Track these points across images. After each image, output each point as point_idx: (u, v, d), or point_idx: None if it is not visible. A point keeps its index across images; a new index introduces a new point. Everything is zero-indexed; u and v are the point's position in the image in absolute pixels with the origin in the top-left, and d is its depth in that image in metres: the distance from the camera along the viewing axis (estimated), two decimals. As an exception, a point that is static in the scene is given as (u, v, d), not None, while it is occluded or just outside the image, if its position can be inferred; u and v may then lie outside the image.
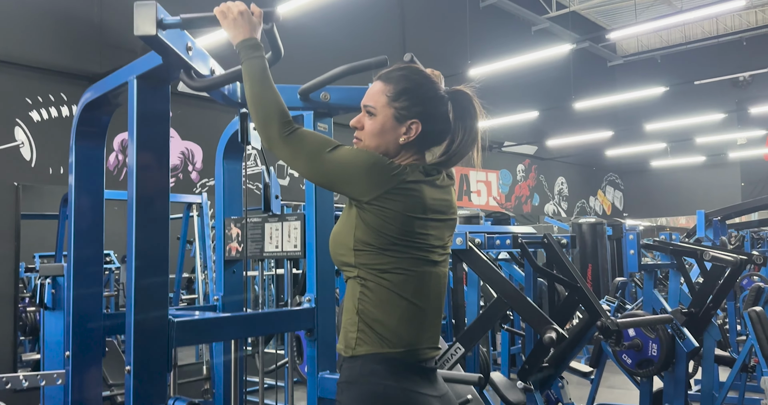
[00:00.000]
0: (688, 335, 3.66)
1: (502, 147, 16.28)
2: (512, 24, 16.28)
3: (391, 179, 1.52)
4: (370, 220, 1.53)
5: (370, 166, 1.52)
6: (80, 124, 2.03)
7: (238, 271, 2.36)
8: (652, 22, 11.02)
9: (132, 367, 1.60)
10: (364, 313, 1.57)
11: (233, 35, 1.60)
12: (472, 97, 1.66)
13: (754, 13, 18.18)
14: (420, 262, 1.58)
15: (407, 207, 1.53)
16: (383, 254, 1.54)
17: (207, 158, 9.98)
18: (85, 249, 1.97)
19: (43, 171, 8.15)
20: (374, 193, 1.51)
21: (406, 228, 1.54)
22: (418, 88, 1.61)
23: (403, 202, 1.52)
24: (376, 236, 1.53)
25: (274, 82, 1.60)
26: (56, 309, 2.74)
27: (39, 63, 8.20)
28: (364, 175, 1.51)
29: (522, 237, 3.27)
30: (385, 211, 1.52)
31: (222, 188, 2.41)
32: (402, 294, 1.56)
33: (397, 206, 1.52)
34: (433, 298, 1.62)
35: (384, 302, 1.56)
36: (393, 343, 1.55)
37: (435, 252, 1.61)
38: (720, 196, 17.49)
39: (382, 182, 1.51)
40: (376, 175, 1.51)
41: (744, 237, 7.03)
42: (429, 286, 1.60)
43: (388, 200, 1.51)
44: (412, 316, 1.57)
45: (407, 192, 1.53)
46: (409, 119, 1.59)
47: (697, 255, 3.94)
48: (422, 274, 1.58)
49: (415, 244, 1.56)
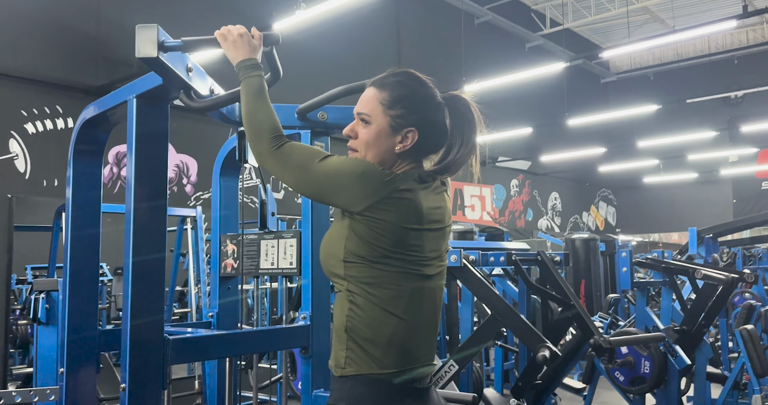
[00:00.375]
0: (680, 353, 3.68)
1: (497, 162, 16.36)
2: (507, 41, 16.43)
3: (382, 188, 1.46)
4: (362, 232, 1.47)
5: (360, 174, 1.46)
6: (78, 141, 2.04)
7: (233, 287, 2.37)
8: (646, 42, 11.14)
9: (127, 385, 1.60)
10: (353, 331, 1.50)
11: (233, 56, 1.62)
12: (470, 103, 1.61)
13: (746, 32, 18.40)
14: (413, 277, 1.51)
15: (401, 217, 1.47)
16: (374, 267, 1.48)
17: (202, 171, 9.99)
18: (81, 264, 1.97)
19: (37, 183, 8.15)
20: (365, 202, 1.45)
21: (400, 240, 1.47)
22: (415, 95, 1.56)
23: (396, 211, 1.46)
24: (368, 248, 1.47)
25: (270, 99, 1.60)
26: (50, 324, 2.74)
27: (35, 75, 8.23)
28: (353, 184, 1.46)
29: (516, 254, 3.29)
30: (377, 222, 1.46)
31: (218, 205, 2.43)
32: (393, 311, 1.49)
33: (390, 216, 1.46)
34: (427, 314, 1.55)
35: (374, 320, 1.49)
36: (383, 364, 1.48)
37: (430, 264, 1.55)
38: (712, 213, 17.60)
39: (373, 191, 1.45)
40: (366, 183, 1.45)
41: (736, 254, 7.06)
42: (422, 301, 1.53)
43: (381, 210, 1.45)
44: (405, 334, 1.50)
45: (401, 201, 1.47)
46: (405, 128, 1.54)
47: (689, 273, 3.96)
48: (415, 289, 1.51)
49: (408, 257, 1.49)
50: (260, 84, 1.60)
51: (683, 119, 17.98)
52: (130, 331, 1.62)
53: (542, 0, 16.76)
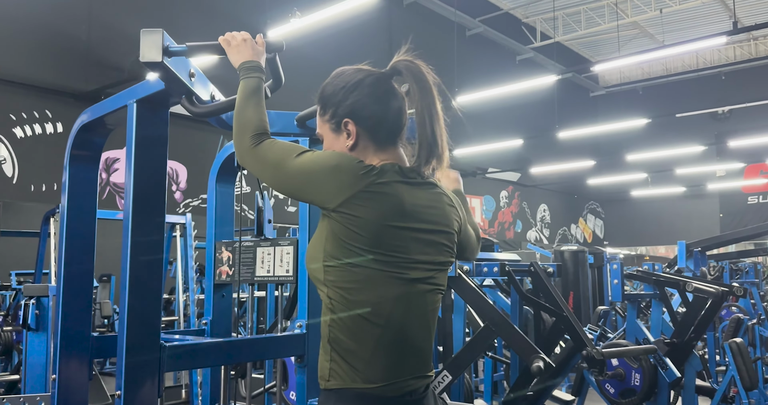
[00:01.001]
0: (670, 365, 3.69)
1: (486, 173, 16.42)
2: (498, 53, 16.55)
3: (359, 180, 1.36)
4: (338, 231, 1.37)
5: (333, 167, 1.37)
6: (75, 146, 2.03)
7: (227, 295, 2.36)
8: (636, 56, 11.25)
9: (122, 391, 1.59)
10: (336, 342, 1.41)
11: (236, 59, 1.60)
12: (421, 65, 1.51)
13: (733, 48, 18.64)
14: (395, 281, 1.39)
15: (380, 213, 1.36)
16: (351, 271, 1.38)
17: (191, 178, 9.95)
18: (76, 271, 1.95)
19: (25, 188, 8.08)
20: (340, 197, 1.36)
21: (378, 239, 1.37)
22: (337, 88, 1.50)
23: (374, 207, 1.36)
24: (344, 249, 1.37)
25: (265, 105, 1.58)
26: (40, 330, 2.72)
27: (24, 79, 8.19)
28: (327, 178, 1.37)
29: (509, 265, 3.29)
30: (353, 220, 1.36)
31: (214, 211, 2.41)
32: (375, 320, 1.38)
33: (367, 213, 1.35)
34: (416, 322, 1.44)
35: (355, 330, 1.40)
36: (368, 378, 1.39)
37: (416, 268, 1.41)
38: (699, 227, 17.74)
39: (348, 184, 1.36)
40: (341, 176, 1.36)
41: (723, 268, 7.11)
42: (409, 308, 1.41)
43: (357, 206, 1.35)
44: (390, 345, 1.40)
45: (379, 196, 1.37)
46: (341, 124, 1.47)
47: (679, 286, 3.98)
48: (400, 295, 1.40)
49: (389, 258, 1.38)
50: (256, 85, 1.57)
51: (671, 133, 18.15)
52: (127, 337, 1.61)
53: (533, 13, 16.91)
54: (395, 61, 1.54)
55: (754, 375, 4.03)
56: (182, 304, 6.10)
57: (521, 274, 3.42)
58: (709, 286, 3.82)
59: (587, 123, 16.47)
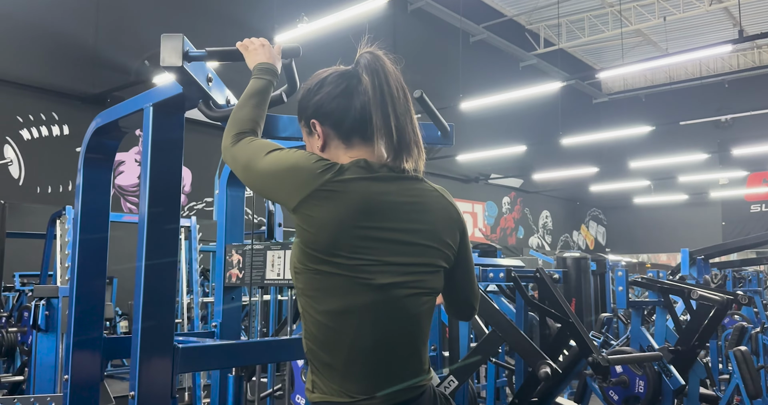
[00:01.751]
0: (674, 373, 3.69)
1: (489, 179, 16.44)
2: (501, 59, 16.59)
3: (315, 178, 1.29)
4: (302, 234, 1.30)
5: (291, 166, 1.32)
6: (89, 148, 2.05)
7: (236, 297, 2.37)
8: (640, 64, 11.28)
9: (136, 393, 1.60)
10: (312, 354, 1.36)
11: (251, 61, 1.63)
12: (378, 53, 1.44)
13: (736, 56, 18.67)
14: (361, 289, 1.29)
15: (337, 213, 1.27)
16: (314, 278, 1.30)
17: (196, 181, 9.97)
18: (89, 271, 1.97)
19: (31, 190, 8.11)
20: (297, 196, 1.29)
21: (337, 241, 1.27)
22: (304, 91, 1.47)
23: (331, 207, 1.27)
24: (305, 254, 1.31)
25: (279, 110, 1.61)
26: (49, 331, 2.73)
27: (31, 81, 8.22)
28: (285, 176, 1.32)
29: (515, 271, 3.30)
30: (310, 221, 1.28)
31: (224, 215, 2.43)
32: (344, 330, 1.30)
33: (323, 213, 1.27)
34: (394, 329, 1.33)
35: (326, 341, 1.32)
36: (345, 391, 1.32)
37: (386, 271, 1.30)
38: (701, 235, 17.73)
39: (304, 183, 1.29)
40: (298, 175, 1.30)
41: (726, 276, 7.11)
42: (383, 316, 1.31)
43: (313, 206, 1.28)
44: (365, 356, 1.32)
45: (337, 194, 1.28)
46: (310, 126, 1.43)
47: (684, 293, 3.99)
48: (369, 303, 1.30)
49: (352, 262, 1.28)
50: (264, 86, 1.58)
51: (674, 141, 18.17)
52: (141, 338, 1.62)
53: (537, 20, 16.96)
54: (357, 56, 1.46)
55: (759, 383, 4.03)
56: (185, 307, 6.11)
57: (527, 280, 3.44)
58: (714, 293, 3.83)
59: (590, 130, 16.48)
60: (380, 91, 1.36)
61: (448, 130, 2.09)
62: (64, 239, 4.49)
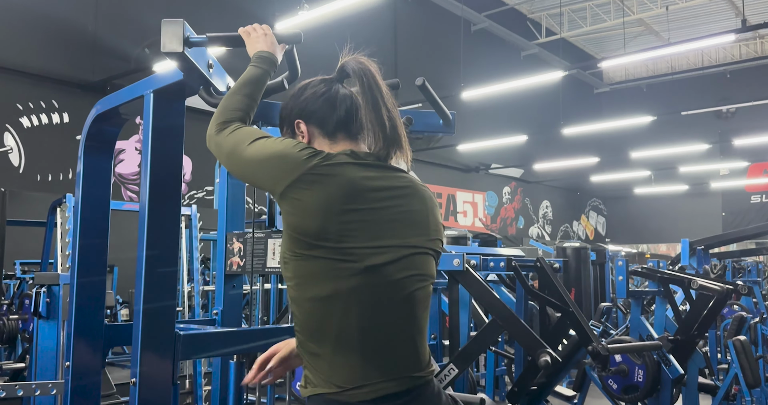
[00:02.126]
0: (673, 362, 3.70)
1: (489, 169, 16.42)
2: (502, 49, 16.53)
3: (303, 163, 1.31)
4: (289, 220, 1.32)
5: (279, 151, 1.34)
6: (89, 136, 2.04)
7: (237, 285, 2.37)
8: (642, 53, 11.24)
9: (138, 379, 1.60)
10: (303, 346, 1.35)
11: (251, 48, 1.62)
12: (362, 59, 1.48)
13: (738, 46, 18.60)
14: (348, 272, 1.29)
15: (326, 196, 1.29)
16: (302, 263, 1.31)
17: (196, 170, 9.96)
18: (90, 259, 1.97)
19: (31, 177, 8.11)
20: (285, 181, 1.30)
21: (326, 225, 1.28)
22: (286, 100, 1.54)
23: (320, 190, 1.29)
24: (294, 240, 1.31)
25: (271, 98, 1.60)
26: (51, 318, 2.74)
27: (31, 69, 8.19)
28: (272, 162, 1.34)
29: (515, 260, 3.30)
30: (299, 205, 1.29)
31: (225, 203, 2.43)
32: (330, 315, 1.30)
33: (311, 196, 1.28)
34: (385, 315, 1.32)
35: (312, 330, 1.32)
36: (332, 382, 1.30)
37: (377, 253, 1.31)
38: (701, 225, 17.74)
39: (292, 167, 1.31)
40: (286, 160, 1.32)
41: (726, 266, 7.12)
42: (372, 301, 1.30)
43: (302, 190, 1.29)
44: (352, 344, 1.30)
45: (326, 178, 1.30)
46: (294, 127, 1.49)
47: (684, 283, 3.99)
48: (356, 287, 1.29)
49: (339, 246, 1.28)
50: (259, 75, 1.57)
51: (675, 131, 18.13)
52: (142, 325, 1.62)
53: (538, 9, 16.88)
54: (340, 64, 1.50)
55: (757, 373, 4.05)
56: (186, 295, 6.13)
57: (527, 269, 3.44)
58: (714, 284, 3.84)
59: (591, 120, 16.46)
60: (370, 87, 1.41)
61: (450, 118, 2.08)
62: (65, 227, 4.49)
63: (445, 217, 15.43)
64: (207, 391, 4.76)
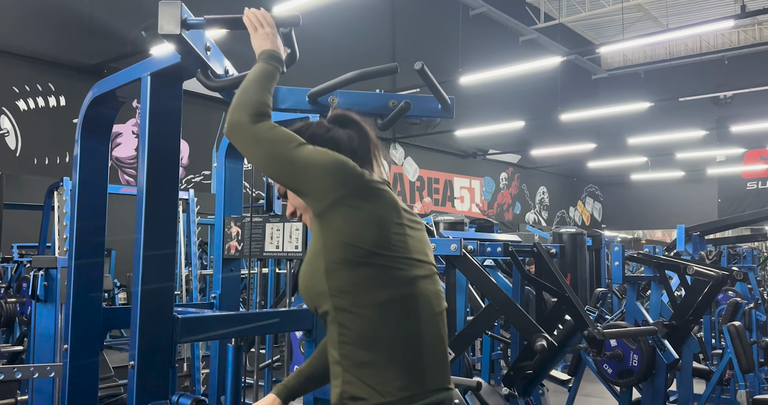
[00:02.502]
0: (668, 347, 3.73)
1: (487, 154, 16.40)
2: (501, 34, 16.43)
3: (357, 178, 1.38)
4: (340, 229, 1.35)
5: (334, 162, 1.39)
6: (86, 119, 2.03)
7: (235, 269, 2.38)
8: (641, 39, 11.20)
9: (136, 362, 1.61)
10: (348, 358, 1.35)
11: (259, 44, 1.59)
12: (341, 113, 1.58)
13: (737, 32, 18.52)
14: (402, 280, 1.37)
15: (380, 208, 1.38)
16: (357, 271, 1.34)
17: (194, 154, 9.94)
18: (88, 243, 1.97)
19: (28, 161, 8.08)
20: (339, 191, 1.36)
21: (383, 234, 1.36)
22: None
23: (374, 202, 1.38)
24: (348, 249, 1.35)
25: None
26: (48, 301, 2.74)
27: (28, 52, 8.14)
28: (327, 171, 1.37)
29: (512, 245, 3.31)
30: (355, 213, 1.35)
31: (222, 187, 2.43)
32: (387, 322, 1.34)
33: (368, 207, 1.37)
34: (428, 325, 1.39)
35: (368, 338, 1.34)
36: (387, 391, 1.32)
37: (418, 266, 1.41)
38: (697, 212, 17.78)
39: (347, 180, 1.37)
40: (341, 172, 1.38)
41: (722, 252, 7.16)
42: (418, 310, 1.38)
43: (358, 199, 1.37)
44: (407, 351, 1.34)
45: (377, 191, 1.40)
46: None
47: (680, 269, 4.01)
48: (408, 295, 1.37)
49: (394, 254, 1.37)
50: (273, 72, 1.55)
51: (673, 118, 18.11)
52: (141, 308, 1.63)
53: (537, -6, 16.78)
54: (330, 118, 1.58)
55: (751, 358, 4.08)
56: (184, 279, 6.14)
57: (524, 254, 3.45)
58: (710, 269, 3.86)
59: (589, 106, 16.41)
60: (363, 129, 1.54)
61: (448, 102, 2.08)
62: (62, 211, 4.49)
63: (442, 202, 15.44)
64: (205, 374, 4.79)
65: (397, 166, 14.23)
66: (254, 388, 2.39)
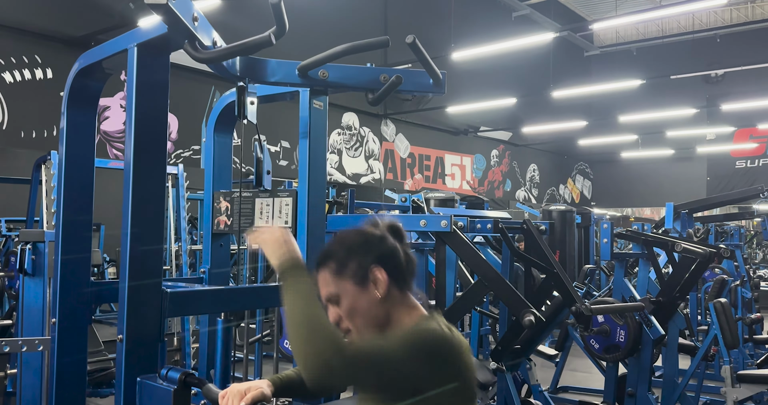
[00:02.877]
0: (655, 323, 3.78)
1: (478, 131, 16.37)
2: (494, 9, 16.30)
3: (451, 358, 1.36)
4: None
5: (428, 351, 1.32)
6: (72, 91, 2.00)
7: (225, 244, 2.37)
8: (633, 16, 11.14)
9: (124, 336, 1.61)
10: None
11: (274, 257, 1.47)
12: (399, 225, 1.53)
13: (729, 10, 18.44)
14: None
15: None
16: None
17: (182, 129, 9.86)
18: (75, 216, 1.95)
19: (15, 134, 7.99)
20: (438, 382, 1.32)
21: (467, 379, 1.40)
22: (355, 242, 1.45)
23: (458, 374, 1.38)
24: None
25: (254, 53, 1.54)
26: (36, 275, 2.73)
27: (14, 23, 8.00)
28: (426, 365, 1.32)
29: (502, 222, 3.32)
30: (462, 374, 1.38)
31: (211, 161, 2.41)
32: None
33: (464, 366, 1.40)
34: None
35: None
36: None
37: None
38: (685, 190, 17.87)
39: (448, 365, 1.35)
40: (438, 363, 1.33)
41: (709, 230, 7.21)
42: None
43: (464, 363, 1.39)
44: None
45: (462, 362, 1.39)
46: (368, 271, 1.41)
47: (668, 246, 4.04)
48: None
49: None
50: (313, 290, 1.41)
51: (663, 96, 18.09)
52: (129, 282, 1.62)
53: (531, -32, 16.62)
54: (391, 224, 1.53)
55: (736, 334, 4.14)
56: (174, 255, 6.13)
57: (514, 231, 3.46)
58: (697, 247, 3.89)
59: (580, 83, 16.37)
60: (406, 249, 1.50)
61: (440, 77, 2.06)
62: (50, 185, 4.44)
63: (434, 179, 15.43)
64: (195, 348, 4.80)
65: (388, 142, 14.17)
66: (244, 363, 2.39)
